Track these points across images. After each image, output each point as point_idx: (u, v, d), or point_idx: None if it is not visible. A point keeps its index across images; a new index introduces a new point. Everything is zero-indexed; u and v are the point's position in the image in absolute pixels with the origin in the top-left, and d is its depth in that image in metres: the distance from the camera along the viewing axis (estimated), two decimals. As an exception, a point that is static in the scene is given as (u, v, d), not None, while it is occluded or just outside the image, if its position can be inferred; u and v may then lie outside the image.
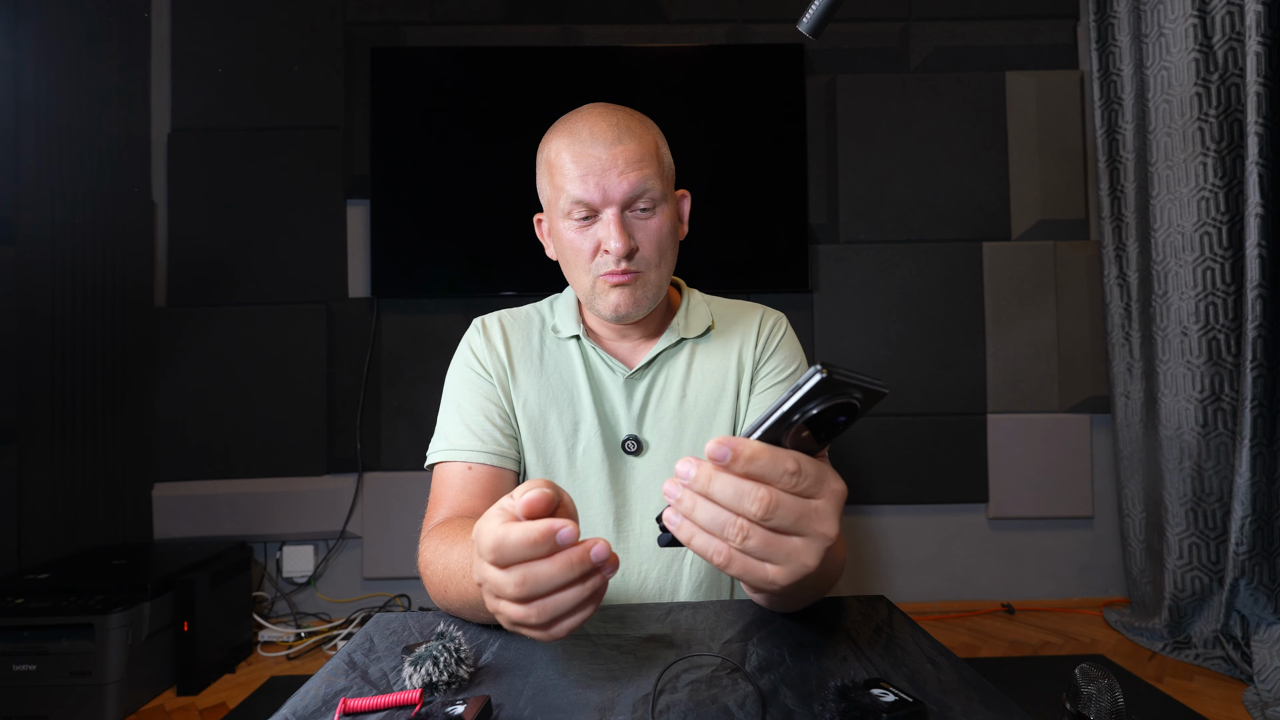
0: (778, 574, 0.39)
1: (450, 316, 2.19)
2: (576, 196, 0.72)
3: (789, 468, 0.38)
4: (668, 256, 0.77)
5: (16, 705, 1.52)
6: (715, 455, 0.37)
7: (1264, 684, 1.55)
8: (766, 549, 0.38)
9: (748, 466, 0.37)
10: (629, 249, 0.72)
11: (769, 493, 0.37)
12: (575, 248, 0.75)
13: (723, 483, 0.38)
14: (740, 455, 0.37)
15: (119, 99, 2.09)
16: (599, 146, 0.71)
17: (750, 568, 0.39)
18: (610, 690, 0.49)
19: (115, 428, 2.02)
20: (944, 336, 2.23)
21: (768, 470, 0.37)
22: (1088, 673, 0.80)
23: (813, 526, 0.39)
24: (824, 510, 0.39)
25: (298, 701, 0.49)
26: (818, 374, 0.35)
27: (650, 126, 0.78)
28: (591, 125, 0.73)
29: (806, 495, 0.39)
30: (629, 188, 0.71)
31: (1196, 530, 1.86)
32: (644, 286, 0.76)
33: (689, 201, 0.85)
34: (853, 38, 2.25)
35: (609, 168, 0.71)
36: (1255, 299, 1.65)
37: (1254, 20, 1.64)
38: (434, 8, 2.23)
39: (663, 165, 0.76)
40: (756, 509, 0.37)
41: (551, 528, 0.41)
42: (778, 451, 0.38)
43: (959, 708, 0.46)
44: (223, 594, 1.86)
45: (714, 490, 0.38)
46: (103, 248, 2.00)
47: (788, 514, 0.38)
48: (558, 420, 0.81)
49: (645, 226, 0.74)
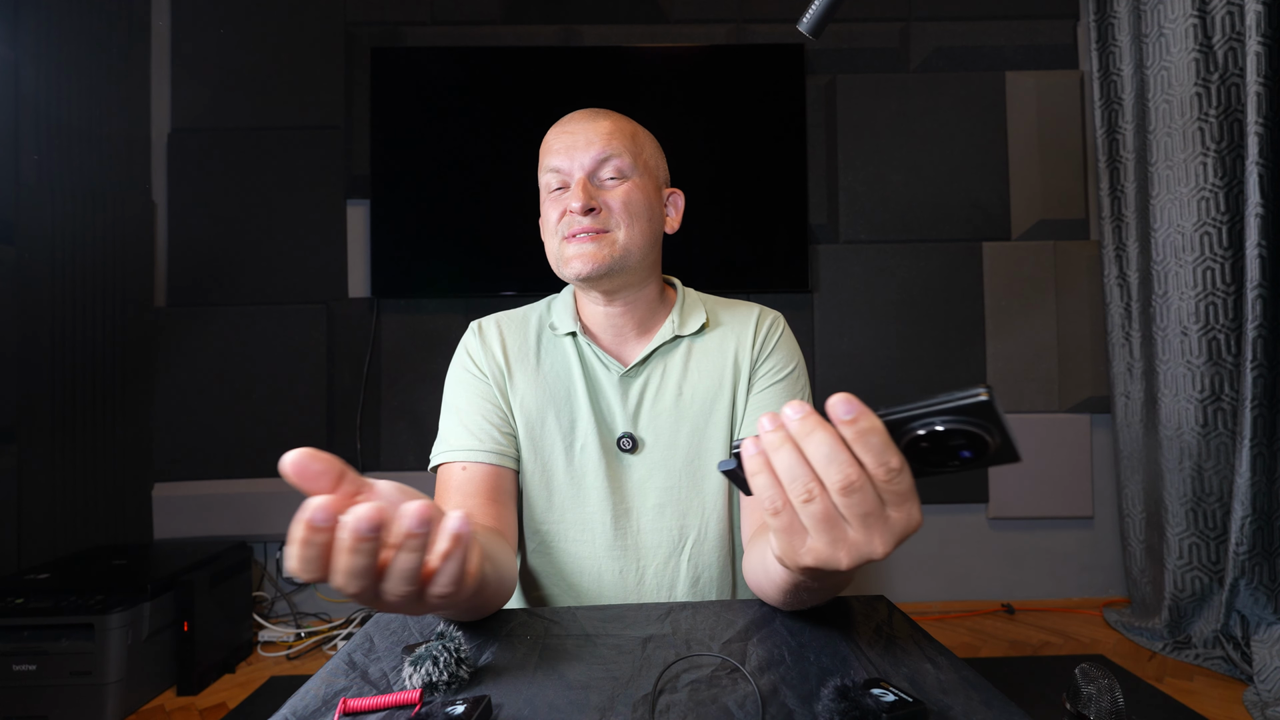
0: (809, 554, 0.38)
1: (450, 316, 2.19)
2: (551, 165, 0.78)
3: (894, 464, 0.35)
4: (639, 224, 0.77)
5: (16, 705, 1.52)
6: (838, 409, 0.35)
7: (1264, 684, 1.54)
8: (820, 521, 0.37)
9: (861, 436, 0.35)
10: (586, 205, 0.75)
11: (859, 472, 0.35)
12: (547, 215, 0.79)
13: (821, 439, 0.36)
14: (861, 419, 0.35)
15: (119, 99, 2.09)
16: (574, 124, 0.78)
17: (793, 530, 0.37)
18: (610, 690, 0.49)
19: (115, 428, 2.02)
20: (944, 336, 2.23)
21: (876, 451, 0.35)
22: (1088, 673, 0.80)
23: (871, 531, 0.37)
24: (889, 525, 0.37)
25: (298, 701, 0.49)
26: (982, 392, 0.33)
27: (633, 122, 0.82)
28: (574, 114, 0.80)
29: (886, 501, 0.37)
30: (596, 153, 0.76)
31: (1196, 530, 1.86)
32: (609, 245, 0.76)
33: (682, 200, 0.86)
34: (853, 38, 2.25)
35: (580, 138, 0.77)
36: (1255, 299, 1.65)
37: (1254, 20, 1.64)
38: (434, 8, 2.23)
39: (639, 148, 0.79)
40: (839, 479, 0.35)
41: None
42: (894, 446, 0.36)
43: (959, 708, 0.46)
44: (223, 594, 1.86)
45: (810, 442, 0.36)
46: (103, 248, 2.00)
47: (861, 504, 0.36)
48: (555, 419, 0.81)
49: (613, 191, 0.77)
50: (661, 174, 0.84)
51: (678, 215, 0.85)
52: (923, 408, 0.35)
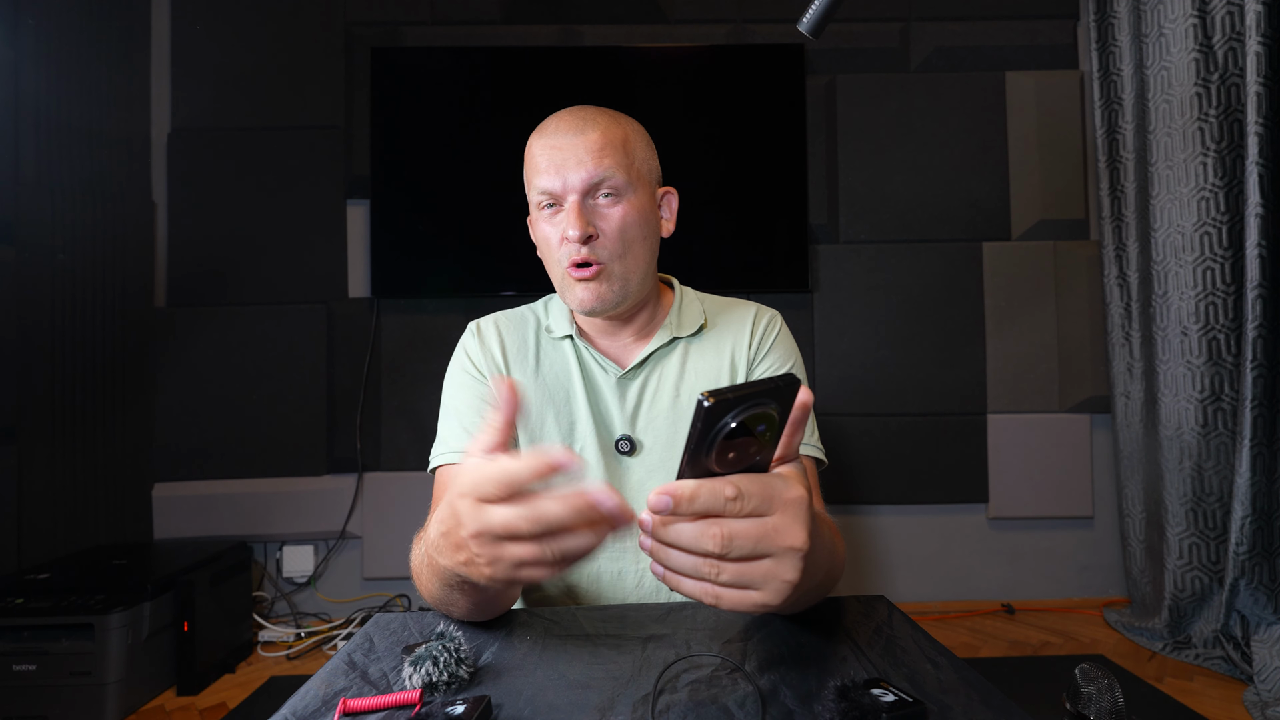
0: (763, 597, 0.39)
1: (450, 316, 2.19)
2: (542, 186, 0.75)
3: (728, 494, 0.38)
4: (635, 248, 0.76)
5: (16, 705, 1.51)
6: (658, 508, 0.37)
7: (1264, 684, 1.54)
8: (741, 578, 0.39)
9: (691, 507, 0.37)
10: (584, 234, 0.73)
11: (719, 526, 0.37)
12: (544, 238, 0.77)
13: (677, 529, 0.38)
14: (681, 499, 0.37)
15: (119, 99, 2.09)
16: (561, 137, 0.74)
17: (737, 599, 0.39)
18: (610, 690, 0.49)
19: (115, 428, 2.02)
20: (944, 336, 2.23)
21: (711, 504, 0.37)
22: (1088, 673, 0.79)
23: (777, 543, 0.39)
24: (783, 524, 0.39)
25: (298, 701, 0.49)
26: (701, 402, 0.35)
27: (624, 122, 0.78)
28: (558, 121, 0.76)
29: (759, 515, 0.39)
30: (587, 175, 0.73)
31: (1196, 530, 1.86)
32: (608, 280, 0.75)
33: (675, 199, 0.84)
34: (853, 38, 2.25)
35: (569, 156, 0.73)
36: (1255, 299, 1.65)
37: (1254, 20, 1.64)
38: (434, 8, 2.23)
39: (631, 157, 0.76)
40: (714, 545, 0.37)
41: (558, 461, 0.39)
42: (713, 483, 0.38)
43: (959, 708, 0.46)
44: (223, 594, 1.86)
45: (670, 538, 0.38)
46: (103, 248, 2.00)
47: (746, 540, 0.38)
48: (555, 421, 0.81)
49: (608, 215, 0.74)
50: (654, 176, 0.82)
51: (672, 217, 0.84)
52: (689, 444, 0.37)
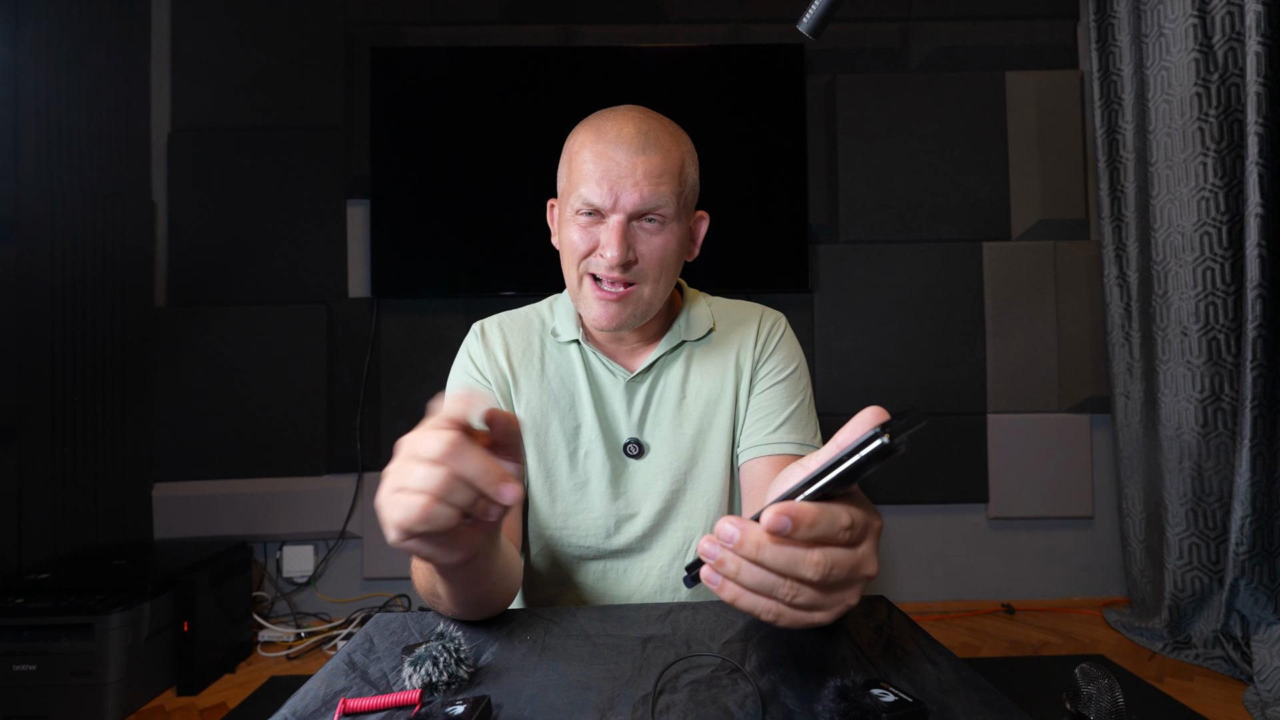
0: (823, 618, 0.39)
1: (450, 316, 2.19)
2: (587, 197, 0.71)
3: (844, 523, 0.37)
4: (668, 274, 0.75)
5: (16, 705, 1.51)
6: (777, 528, 0.36)
7: (1264, 684, 1.54)
8: (816, 601, 0.38)
9: (809, 534, 0.36)
10: (625, 259, 0.71)
11: (824, 555, 0.37)
12: (573, 243, 0.74)
13: (776, 551, 0.37)
14: (801, 523, 0.36)
15: (119, 99, 2.09)
16: (621, 151, 0.70)
17: (796, 619, 0.39)
18: (610, 690, 0.49)
19: (115, 428, 2.02)
20: (944, 336, 2.23)
21: (826, 532, 0.37)
22: (1088, 673, 0.80)
23: (860, 572, 0.39)
24: (868, 554, 0.39)
25: (298, 701, 0.49)
26: (879, 439, 0.34)
27: (682, 142, 0.76)
28: (619, 128, 0.71)
29: (856, 544, 0.39)
30: (640, 200, 0.70)
31: (1196, 530, 1.86)
32: (635, 303, 0.74)
33: (706, 224, 0.83)
34: (853, 38, 2.25)
35: (625, 175, 0.69)
36: (1255, 299, 1.65)
37: (1254, 20, 1.64)
38: (434, 8, 2.23)
39: (684, 185, 0.74)
40: (814, 573, 0.37)
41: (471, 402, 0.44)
42: (834, 509, 0.37)
43: (959, 708, 0.46)
44: (223, 594, 1.86)
45: (766, 558, 0.37)
46: (103, 248, 2.00)
47: (842, 570, 0.38)
48: (559, 424, 0.81)
49: (650, 240, 0.72)
50: (695, 198, 0.80)
51: (698, 244, 0.84)
52: (842, 469, 0.36)
